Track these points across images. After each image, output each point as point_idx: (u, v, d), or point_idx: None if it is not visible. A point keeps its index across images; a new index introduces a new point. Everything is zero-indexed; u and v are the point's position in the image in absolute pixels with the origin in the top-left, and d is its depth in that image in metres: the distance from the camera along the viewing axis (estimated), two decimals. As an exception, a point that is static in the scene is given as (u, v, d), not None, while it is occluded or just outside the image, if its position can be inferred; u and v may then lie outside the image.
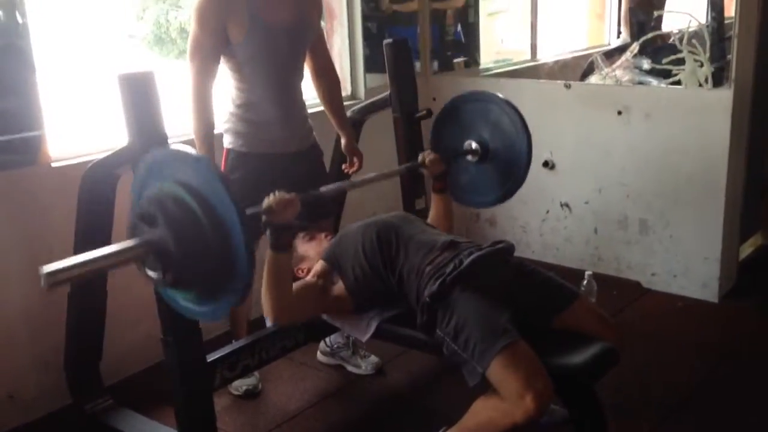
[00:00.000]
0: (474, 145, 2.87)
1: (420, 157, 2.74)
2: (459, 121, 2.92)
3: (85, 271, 1.65)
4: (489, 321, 2.04)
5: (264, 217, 2.05)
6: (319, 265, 2.38)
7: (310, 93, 2.88)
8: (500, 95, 2.88)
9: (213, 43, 2.49)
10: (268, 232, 2.08)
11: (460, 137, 2.90)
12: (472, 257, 2.19)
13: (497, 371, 1.96)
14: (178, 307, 1.84)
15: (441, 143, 2.94)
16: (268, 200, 2.06)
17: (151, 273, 1.71)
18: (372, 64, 3.84)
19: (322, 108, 2.91)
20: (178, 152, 1.76)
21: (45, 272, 1.58)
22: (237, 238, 1.62)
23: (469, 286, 2.12)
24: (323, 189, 2.39)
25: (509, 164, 2.84)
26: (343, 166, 2.96)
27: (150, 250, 1.67)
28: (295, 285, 2.25)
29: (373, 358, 3.02)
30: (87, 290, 2.52)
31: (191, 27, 2.53)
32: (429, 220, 2.70)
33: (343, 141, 2.92)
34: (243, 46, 2.51)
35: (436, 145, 2.93)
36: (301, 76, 2.72)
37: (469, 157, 2.89)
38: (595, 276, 3.22)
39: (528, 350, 1.99)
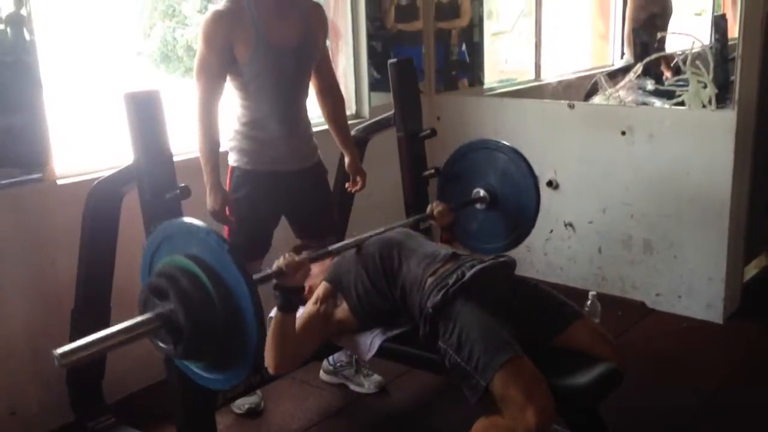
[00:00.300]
0: (482, 192, 2.89)
1: (429, 209, 2.76)
2: (466, 170, 2.95)
3: (97, 351, 1.70)
4: (492, 334, 2.04)
5: (275, 281, 2.06)
6: (321, 288, 2.38)
7: (315, 111, 2.89)
8: (506, 143, 2.92)
9: (219, 62, 2.50)
10: (277, 293, 2.09)
11: (468, 186, 2.93)
12: (474, 269, 2.19)
13: (499, 385, 1.96)
14: (190, 373, 1.87)
15: (448, 194, 2.97)
16: (278, 263, 2.06)
17: (162, 345, 1.74)
18: (377, 83, 3.86)
19: (326, 126, 2.93)
20: (188, 225, 1.80)
21: (57, 354, 1.61)
22: (247, 311, 1.65)
23: (472, 298, 2.12)
24: (332, 247, 2.39)
25: (517, 210, 2.88)
26: (347, 185, 2.97)
27: (161, 324, 1.72)
28: (299, 325, 2.22)
29: (376, 377, 3.01)
30: (90, 307, 2.52)
31: (198, 45, 2.55)
32: None
33: (346, 160, 2.93)
34: (249, 65, 2.53)
35: (443, 194, 2.95)
36: (306, 95, 2.74)
37: (478, 205, 2.91)
38: (600, 296, 3.21)
39: (531, 365, 1.98)
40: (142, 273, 1.92)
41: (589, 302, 3.14)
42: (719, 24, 4.43)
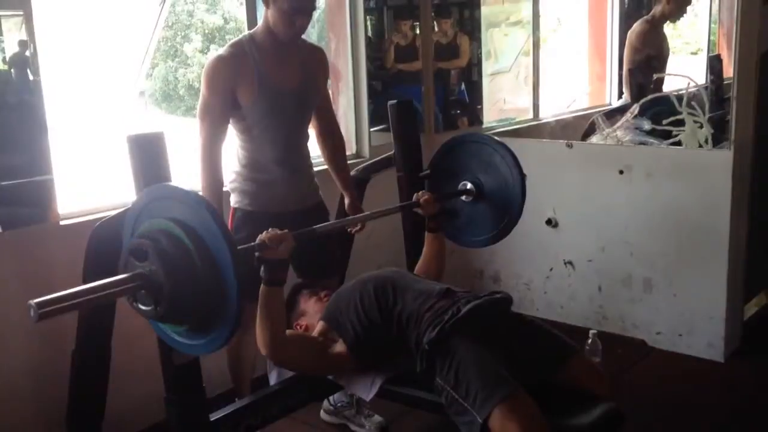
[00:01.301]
0: (468, 185, 2.90)
1: (414, 197, 2.77)
2: (453, 163, 2.95)
3: (74, 303, 1.67)
4: (490, 370, 2.04)
5: (257, 253, 2.08)
6: (319, 326, 2.40)
7: (315, 151, 2.92)
8: (494, 137, 2.93)
9: (222, 105, 2.54)
10: (261, 268, 2.11)
11: (455, 178, 2.93)
12: (470, 305, 2.20)
13: (497, 421, 1.95)
14: (172, 342, 1.84)
15: (436, 184, 2.97)
16: (261, 236, 2.09)
17: (142, 307, 1.72)
18: (377, 122, 3.90)
19: (327, 167, 2.95)
20: (169, 188, 1.80)
21: (34, 303, 1.59)
22: (227, 269, 1.64)
23: (468, 334, 2.13)
24: (317, 227, 2.40)
25: (504, 202, 2.87)
26: (348, 228, 2.98)
27: (141, 283, 1.69)
28: (297, 332, 2.27)
29: (377, 418, 2.99)
30: (91, 347, 2.52)
31: (201, 90, 2.58)
32: (420, 261, 2.73)
33: (346, 201, 2.95)
34: (251, 108, 2.56)
35: (431, 186, 2.97)
36: (307, 137, 2.77)
37: (464, 197, 2.92)
38: (600, 334, 3.21)
39: (529, 401, 1.98)
40: (124, 239, 1.88)
41: (589, 341, 3.14)
42: (714, 64, 4.49)
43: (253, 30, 2.65)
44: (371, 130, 3.91)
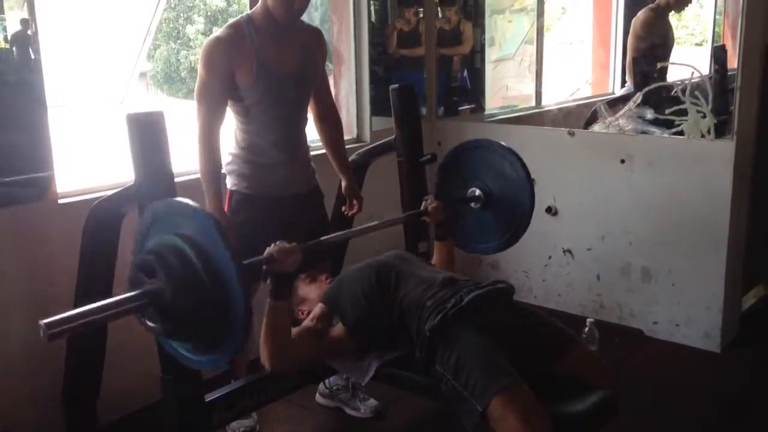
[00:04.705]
0: (477, 192, 2.89)
1: (423, 205, 2.76)
2: (462, 169, 2.94)
3: (83, 323, 1.67)
4: (490, 359, 2.04)
5: (265, 266, 2.08)
6: (318, 309, 2.39)
7: (312, 135, 2.91)
8: (503, 143, 2.91)
9: (220, 87, 2.51)
10: (268, 281, 2.11)
11: (464, 184, 2.92)
12: (472, 294, 2.20)
13: (497, 410, 1.95)
14: (178, 355, 1.85)
15: (444, 191, 2.97)
16: (270, 249, 2.09)
17: (149, 323, 1.73)
18: (378, 107, 3.89)
19: (325, 150, 2.94)
20: (179, 204, 1.79)
21: (43, 324, 1.59)
22: (234, 290, 1.65)
23: (470, 323, 2.13)
24: (324, 238, 2.41)
25: (512, 210, 2.86)
26: (343, 208, 2.98)
27: (149, 301, 1.70)
28: (294, 332, 2.26)
29: (372, 402, 3.00)
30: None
31: (199, 71, 2.56)
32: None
33: (343, 183, 2.95)
34: (250, 90, 2.54)
35: (439, 193, 2.95)
36: (305, 120, 2.76)
37: (473, 204, 2.91)
38: (597, 323, 3.20)
39: (528, 392, 1.98)
40: (133, 253, 1.88)
41: (586, 329, 3.14)
42: (719, 55, 4.46)
43: (251, 11, 2.62)
44: (372, 115, 3.90)
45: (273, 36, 2.56)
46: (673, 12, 4.97)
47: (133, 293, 1.72)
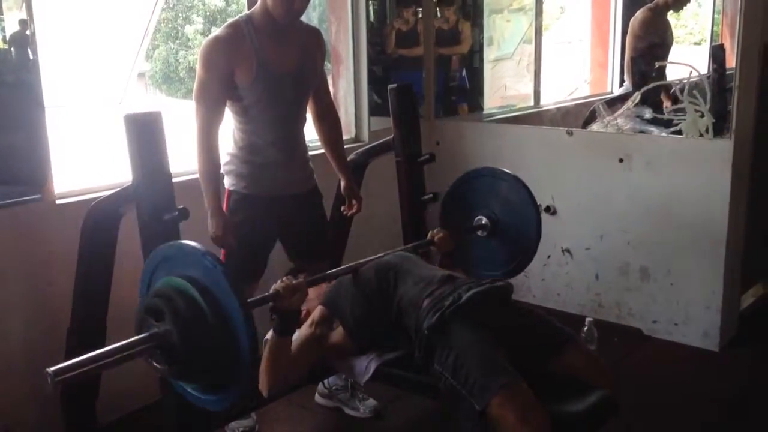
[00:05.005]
0: (484, 220, 2.90)
1: (429, 235, 2.76)
2: (468, 196, 2.97)
3: (91, 368, 1.70)
4: (489, 358, 2.04)
5: (271, 304, 2.08)
6: (317, 312, 2.39)
7: (311, 135, 2.91)
8: (508, 171, 2.94)
9: (219, 87, 2.51)
10: (274, 317, 2.11)
11: (469, 213, 2.94)
12: (470, 293, 2.19)
13: (496, 409, 1.95)
14: (187, 394, 1.88)
15: (450, 220, 2.98)
16: (276, 286, 2.09)
17: (157, 365, 1.75)
18: (377, 107, 3.89)
19: (323, 150, 2.94)
20: (185, 247, 1.81)
21: (51, 371, 1.60)
22: (241, 334, 1.67)
23: (468, 321, 2.13)
24: (331, 271, 2.42)
25: (519, 238, 2.88)
26: (342, 208, 2.98)
27: (157, 344, 1.73)
28: (294, 345, 2.24)
29: (372, 402, 3.00)
30: (86, 327, 2.52)
31: (197, 71, 2.55)
32: None
33: (342, 183, 2.95)
34: (249, 90, 2.54)
35: (445, 223, 2.96)
36: (304, 120, 2.75)
37: (480, 232, 2.92)
38: (596, 322, 3.20)
39: (527, 391, 1.98)
40: (140, 294, 1.92)
41: (585, 329, 3.13)
42: (717, 54, 4.46)
43: (250, 11, 2.62)
44: (371, 115, 3.90)
45: (272, 36, 2.56)
46: (671, 11, 4.97)
47: (141, 336, 1.75)
